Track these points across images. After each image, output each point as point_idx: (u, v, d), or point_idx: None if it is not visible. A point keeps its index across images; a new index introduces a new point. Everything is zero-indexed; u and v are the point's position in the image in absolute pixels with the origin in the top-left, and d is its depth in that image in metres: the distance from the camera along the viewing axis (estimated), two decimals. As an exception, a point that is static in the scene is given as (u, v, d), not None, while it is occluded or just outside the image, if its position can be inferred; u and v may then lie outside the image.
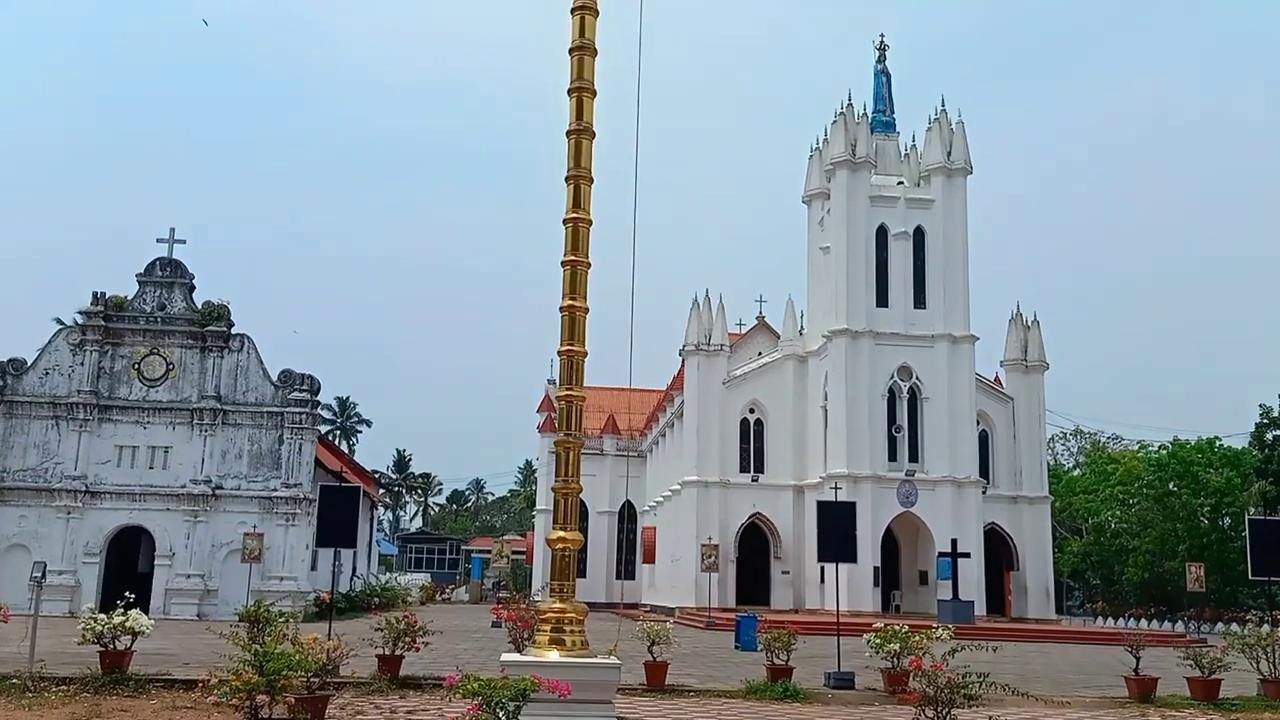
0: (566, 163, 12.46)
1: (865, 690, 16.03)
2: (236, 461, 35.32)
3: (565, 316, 12.48)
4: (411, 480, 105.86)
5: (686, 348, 46.64)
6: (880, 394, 42.14)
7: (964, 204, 44.11)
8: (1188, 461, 56.43)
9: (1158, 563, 54.71)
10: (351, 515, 18.97)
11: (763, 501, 45.19)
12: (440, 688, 13.22)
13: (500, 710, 8.87)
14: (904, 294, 43.31)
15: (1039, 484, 45.74)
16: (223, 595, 33.31)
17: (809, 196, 47.84)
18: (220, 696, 9.24)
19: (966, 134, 44.60)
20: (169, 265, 36.38)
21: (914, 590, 43.12)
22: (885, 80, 47.87)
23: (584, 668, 11.61)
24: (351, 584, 43.00)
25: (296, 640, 11.60)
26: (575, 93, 12.41)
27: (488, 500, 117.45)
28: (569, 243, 12.40)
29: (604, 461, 59.35)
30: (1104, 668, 21.45)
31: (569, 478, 12.45)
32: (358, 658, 14.77)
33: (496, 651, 15.80)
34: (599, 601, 47.70)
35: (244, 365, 36.00)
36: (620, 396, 57.95)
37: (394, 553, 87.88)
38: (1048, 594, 44.79)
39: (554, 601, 12.33)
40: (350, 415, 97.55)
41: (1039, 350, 46.45)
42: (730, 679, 17.20)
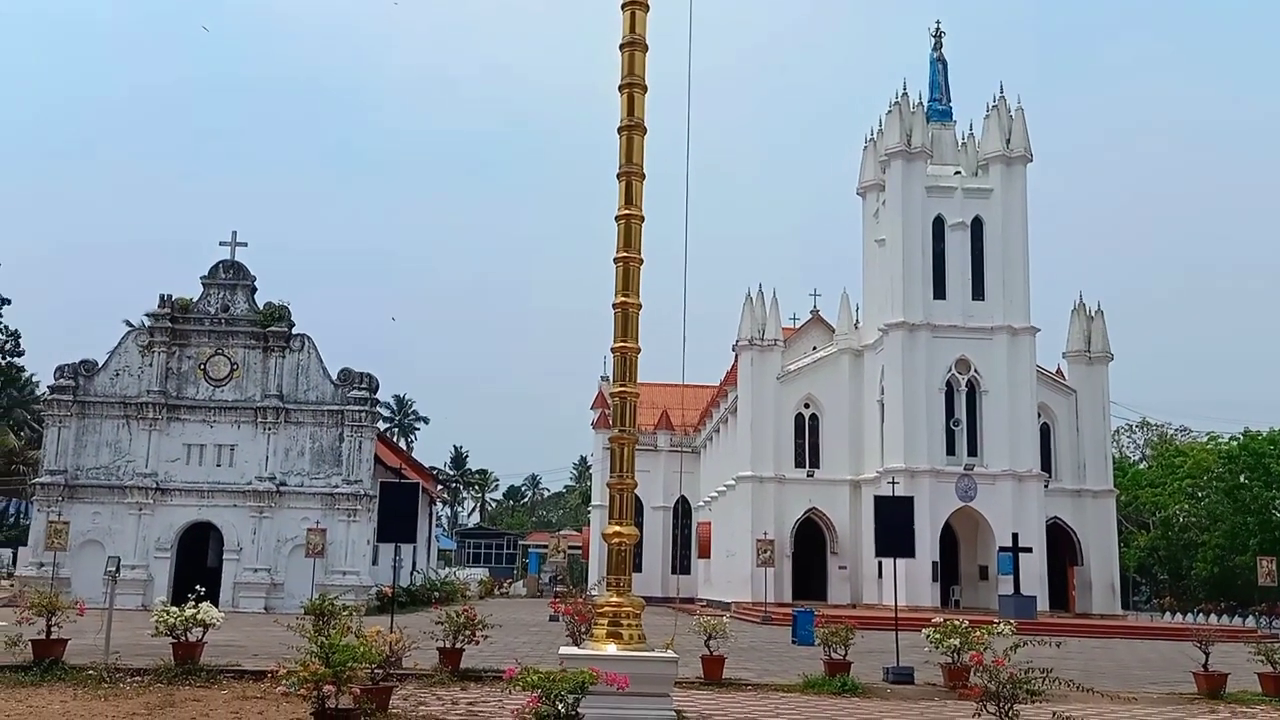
0: (618, 159, 12.51)
1: (925, 685, 15.90)
2: (299, 459, 35.99)
3: (618, 313, 12.54)
4: (469, 476, 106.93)
5: (740, 343, 46.50)
6: (938, 387, 41.63)
7: (1024, 193, 43.34)
8: (1259, 453, 54.85)
9: (1228, 557, 53.31)
10: (411, 511, 19.28)
11: (818, 497, 44.91)
12: (500, 680, 13.39)
13: (559, 702, 8.96)
14: (962, 285, 42.71)
15: (1103, 477, 44.85)
16: (288, 589, 34.01)
17: (864, 188, 47.39)
18: (288, 687, 9.45)
19: (1026, 120, 43.79)
20: (231, 268, 37.18)
21: (974, 585, 42.58)
22: (941, 68, 47.15)
23: (641, 661, 11.68)
24: (412, 578, 43.57)
25: (360, 633, 11.82)
26: (627, 88, 12.45)
27: (543, 496, 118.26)
28: (621, 239, 12.45)
29: (658, 457, 59.40)
30: (1172, 663, 21.04)
31: (624, 473, 12.52)
32: (419, 650, 14.99)
33: (554, 645, 15.96)
34: (654, 596, 47.76)
35: (304, 365, 36.66)
36: (674, 392, 57.91)
37: (452, 548, 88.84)
38: (1113, 589, 43.92)
39: (610, 595, 12.42)
40: (408, 413, 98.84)
41: (1103, 341, 45.52)
42: (788, 673, 17.17)
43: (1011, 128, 43.58)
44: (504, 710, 11.64)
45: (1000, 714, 9.46)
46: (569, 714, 8.99)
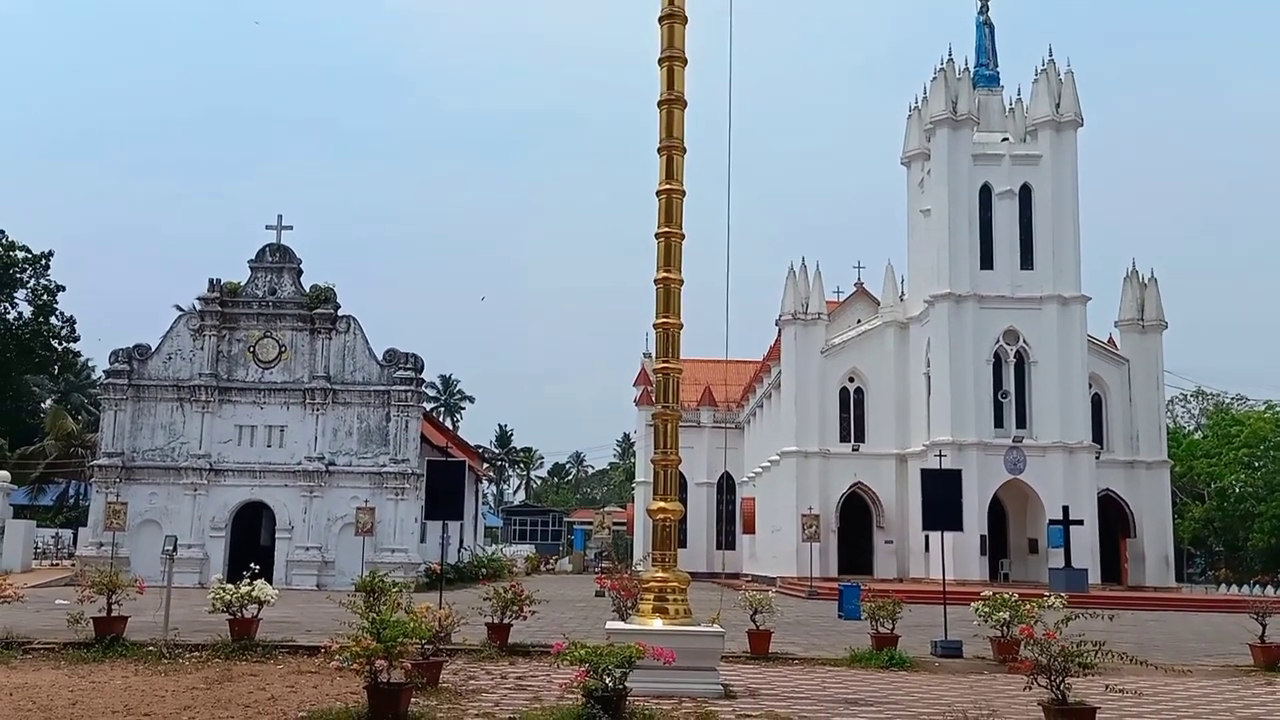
0: (659, 133, 12.45)
1: (974, 659, 15.79)
2: (347, 439, 36.47)
3: (660, 289, 12.54)
4: (514, 454, 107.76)
5: (783, 317, 46.21)
6: (985, 359, 41.08)
7: (1074, 158, 42.40)
8: (1318, 422, 53.60)
9: (1287, 528, 52.25)
10: (458, 489, 19.46)
11: (864, 471, 44.63)
12: (548, 654, 13.50)
13: (607, 676, 9.03)
14: (1009, 255, 42.01)
15: (1157, 448, 44.05)
16: (339, 566, 34.57)
17: (908, 158, 46.71)
18: (342, 662, 9.62)
19: (1076, 84, 42.77)
20: (278, 251, 37.62)
21: (1023, 559, 42.14)
22: (988, 32, 46.16)
23: (688, 635, 11.75)
24: (459, 555, 44.04)
25: (410, 609, 11.98)
26: (666, 62, 12.37)
27: (588, 473, 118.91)
28: (662, 215, 12.41)
29: (701, 433, 59.37)
30: (1228, 636, 20.70)
31: (668, 449, 12.56)
32: (468, 626, 15.19)
33: (601, 620, 16.06)
34: (699, 571, 47.95)
35: (351, 346, 37.07)
36: (717, 368, 57.78)
37: (499, 525, 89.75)
38: (1167, 561, 43.24)
39: (656, 571, 12.49)
40: (453, 392, 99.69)
41: (1156, 309, 44.59)
42: (834, 647, 17.14)
43: (1061, 92, 42.60)
44: (552, 684, 11.75)
45: (1051, 687, 9.35)
46: (616, 688, 9.05)
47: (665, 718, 9.60)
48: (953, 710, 10.74)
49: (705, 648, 11.91)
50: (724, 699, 11.38)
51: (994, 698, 11.91)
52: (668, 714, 9.86)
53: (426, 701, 10.50)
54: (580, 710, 8.94)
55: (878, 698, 12.01)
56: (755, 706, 11.02)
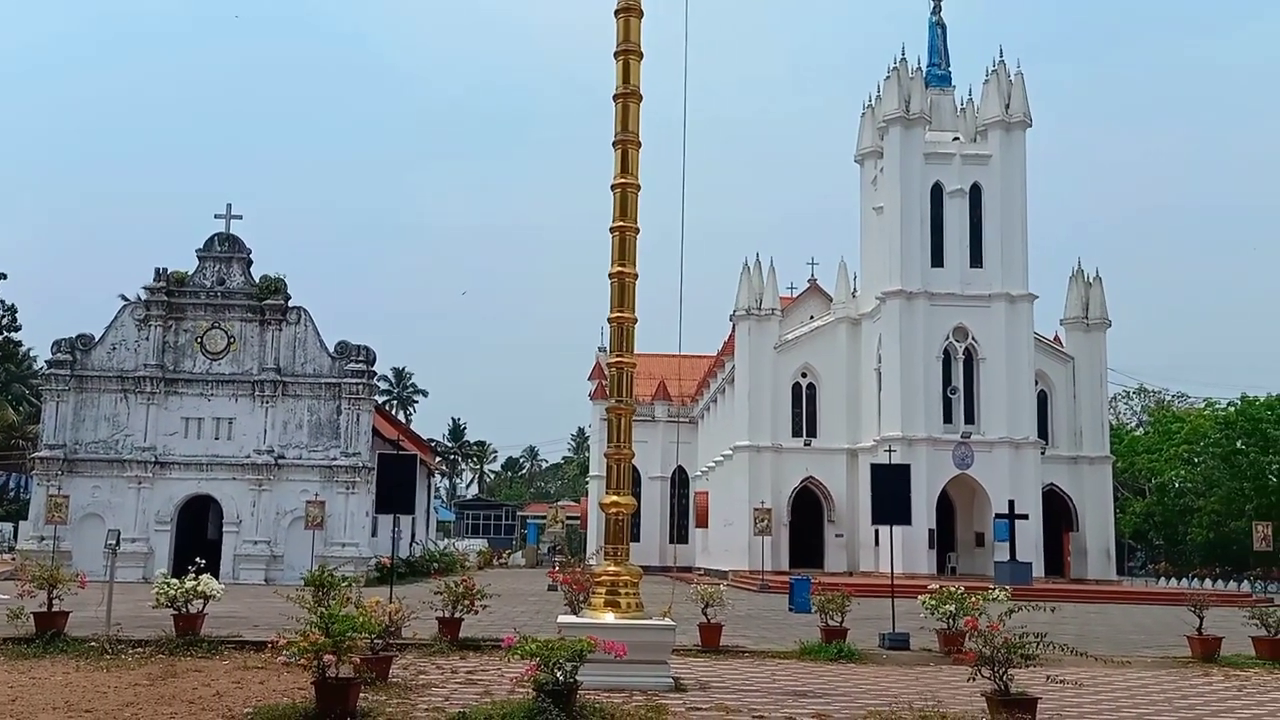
0: (614, 127, 12.45)
1: (920, 651, 16.03)
2: (297, 432, 36.04)
3: (614, 283, 12.55)
4: (467, 448, 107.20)
5: (737, 312, 46.47)
6: (935, 355, 41.65)
7: (1023, 159, 43.11)
8: (1256, 419, 55.06)
9: (1223, 522, 53.66)
10: (409, 482, 19.35)
11: (815, 465, 45.06)
12: (498, 649, 13.45)
13: (558, 670, 9.04)
14: (960, 253, 42.61)
15: (1100, 444, 45.00)
16: (288, 561, 34.17)
17: (861, 155, 47.16)
18: (289, 657, 9.52)
19: (1026, 86, 43.47)
20: (227, 240, 37.03)
21: (970, 552, 42.84)
22: (940, 32, 46.71)
23: (639, 629, 11.80)
24: (411, 550, 43.78)
25: (360, 604, 11.89)
26: (622, 55, 12.38)
27: (541, 467, 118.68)
28: (617, 209, 12.42)
29: (655, 427, 59.52)
30: (1166, 628, 21.21)
31: (621, 443, 12.59)
32: (419, 620, 15.11)
33: (553, 614, 16.06)
34: (652, 565, 48.03)
35: (301, 337, 36.62)
36: (671, 363, 57.95)
37: (451, 519, 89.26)
38: (1109, 555, 44.21)
39: (608, 565, 12.52)
40: (406, 385, 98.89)
41: (1101, 308, 45.50)
42: (784, 640, 17.31)
43: (1011, 93, 43.27)
44: (503, 679, 11.73)
45: (994, 678, 9.53)
46: (567, 682, 9.07)
47: (616, 711, 9.63)
48: (899, 701, 10.90)
49: (656, 641, 11.97)
50: (675, 692, 11.44)
51: (939, 689, 12.10)
52: (619, 707, 9.89)
53: (376, 697, 10.44)
54: (531, 704, 8.94)
55: (826, 690, 12.16)
56: (706, 699, 11.10)
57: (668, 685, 11.63)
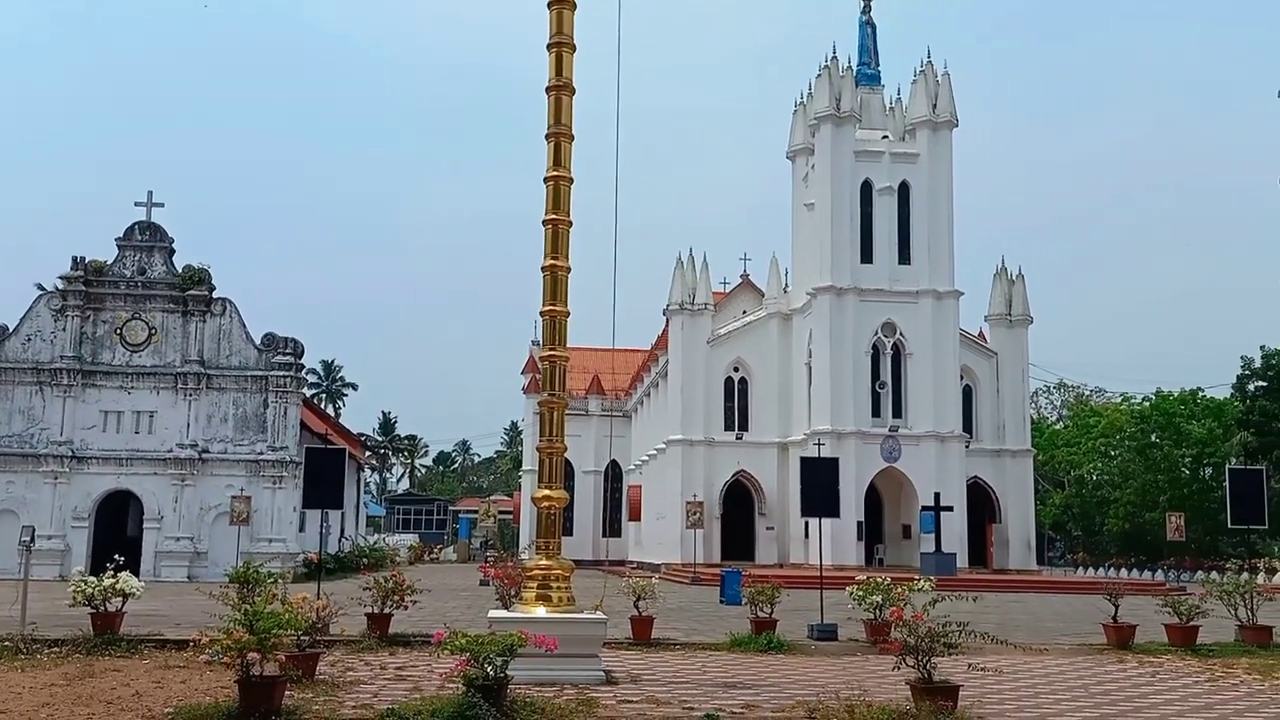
0: (547, 119, 12.41)
1: (848, 641, 16.30)
2: (222, 425, 35.29)
3: (547, 276, 12.51)
4: (398, 442, 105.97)
5: (670, 307, 46.66)
6: (864, 350, 42.31)
7: (949, 158, 43.98)
8: (1170, 413, 57.02)
9: (1138, 513, 55.45)
10: (338, 477, 19.09)
11: (747, 459, 45.49)
12: (429, 644, 13.37)
13: (488, 665, 9.01)
14: (888, 250, 43.32)
15: (1022, 437, 46.16)
16: (212, 557, 33.45)
17: (793, 152, 47.63)
18: (212, 655, 9.33)
19: (952, 86, 44.34)
20: (148, 229, 36.06)
21: (897, 544, 43.63)
22: (870, 31, 47.38)
23: (570, 623, 11.82)
24: (340, 545, 43.18)
25: (286, 600, 11.71)
26: (555, 48, 12.33)
27: (474, 461, 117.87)
28: (550, 201, 12.38)
29: (589, 421, 59.50)
30: (1083, 616, 21.83)
31: (553, 437, 12.57)
32: (347, 616, 14.91)
33: (484, 609, 15.97)
34: (585, 559, 48.12)
35: (226, 329, 35.85)
36: (605, 357, 57.97)
37: (382, 514, 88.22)
38: (1029, 545, 45.40)
39: (540, 559, 12.50)
40: (335, 379, 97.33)
41: (1023, 304, 46.64)
42: (715, 632, 17.46)
43: (938, 93, 44.10)
44: (433, 674, 11.64)
45: (919, 667, 9.74)
46: (498, 676, 9.05)
47: (547, 705, 9.63)
48: (826, 691, 11.08)
49: (588, 635, 11.99)
50: (606, 685, 11.47)
51: (865, 678, 12.33)
52: (550, 701, 9.89)
53: (302, 694, 10.29)
54: (461, 699, 8.90)
55: (755, 681, 12.30)
56: (636, 692, 11.16)
57: (599, 678, 11.66)
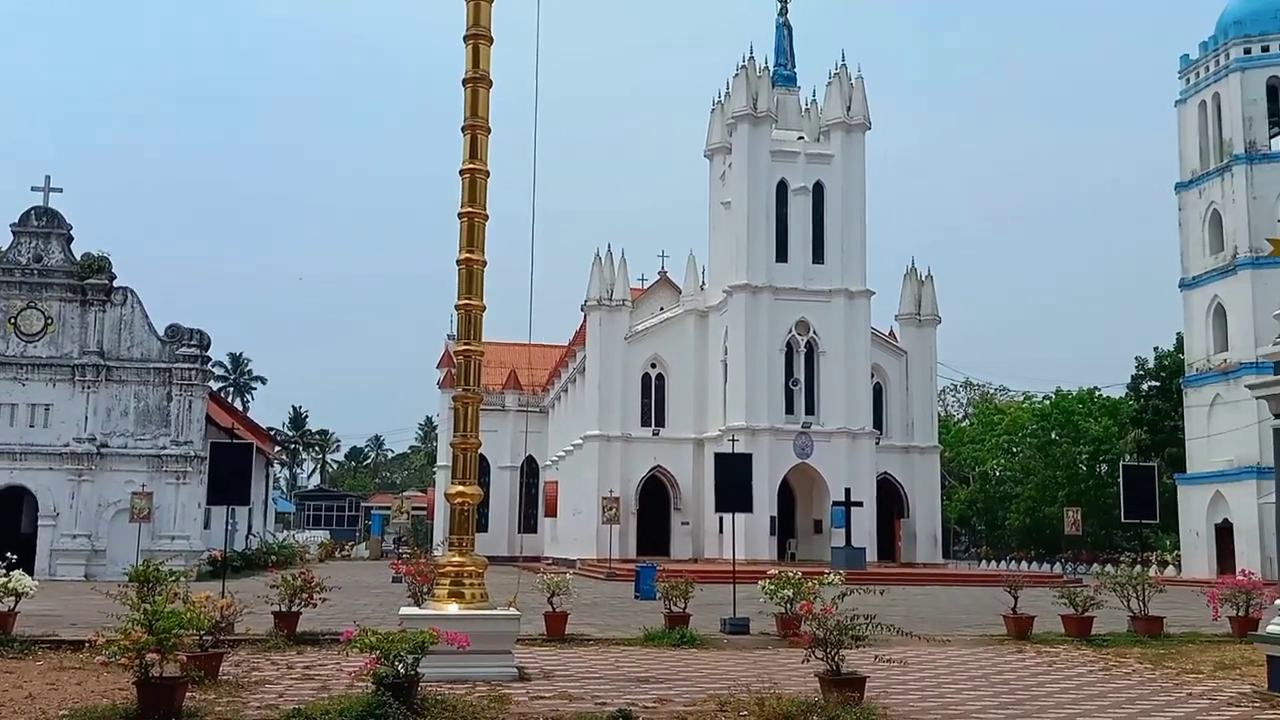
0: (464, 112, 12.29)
1: (759, 635, 16.51)
2: (123, 419, 34.13)
3: (463, 270, 12.40)
4: (309, 437, 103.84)
5: (588, 303, 46.63)
6: (779, 348, 42.89)
7: (862, 160, 44.82)
8: (1069, 411, 59.11)
9: (1039, 508, 57.34)
10: (244, 472, 18.64)
11: (663, 455, 45.74)
12: (338, 642, 13.17)
13: (398, 663, 8.91)
14: (803, 249, 43.98)
15: (930, 435, 47.32)
16: (111, 556, 32.33)
17: (711, 151, 47.98)
18: (109, 656, 9.03)
19: (866, 89, 45.18)
20: (45, 215, 34.63)
21: (809, 538, 44.35)
22: (787, 33, 48.02)
23: (483, 619, 11.74)
24: (247, 542, 42.20)
25: (188, 599, 11.40)
26: (471, 39, 12.22)
27: (387, 457, 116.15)
28: (465, 194, 12.27)
29: (506, 417, 59.15)
30: (986, 608, 22.47)
31: (468, 433, 12.47)
32: (253, 615, 14.59)
33: (396, 606, 15.77)
34: (501, 555, 47.68)
35: (128, 320, 34.67)
36: (522, 352, 57.67)
37: (291, 510, 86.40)
38: (935, 540, 46.59)
39: (453, 555, 12.38)
40: (243, 372, 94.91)
41: (932, 305, 47.79)
42: (629, 627, 17.52)
43: (852, 96, 44.90)
44: (342, 673, 11.44)
45: (827, 659, 9.92)
46: (408, 674, 8.95)
47: (459, 703, 9.55)
48: (737, 684, 11.20)
49: (501, 631, 11.93)
50: (519, 681, 11.43)
51: (776, 671, 12.51)
52: (461, 699, 9.81)
53: (204, 695, 10.02)
54: (370, 698, 8.77)
55: (668, 675, 12.38)
56: (549, 688, 11.14)
57: (512, 675, 11.61)
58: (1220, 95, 42.49)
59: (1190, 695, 11.18)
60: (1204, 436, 41.67)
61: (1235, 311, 40.46)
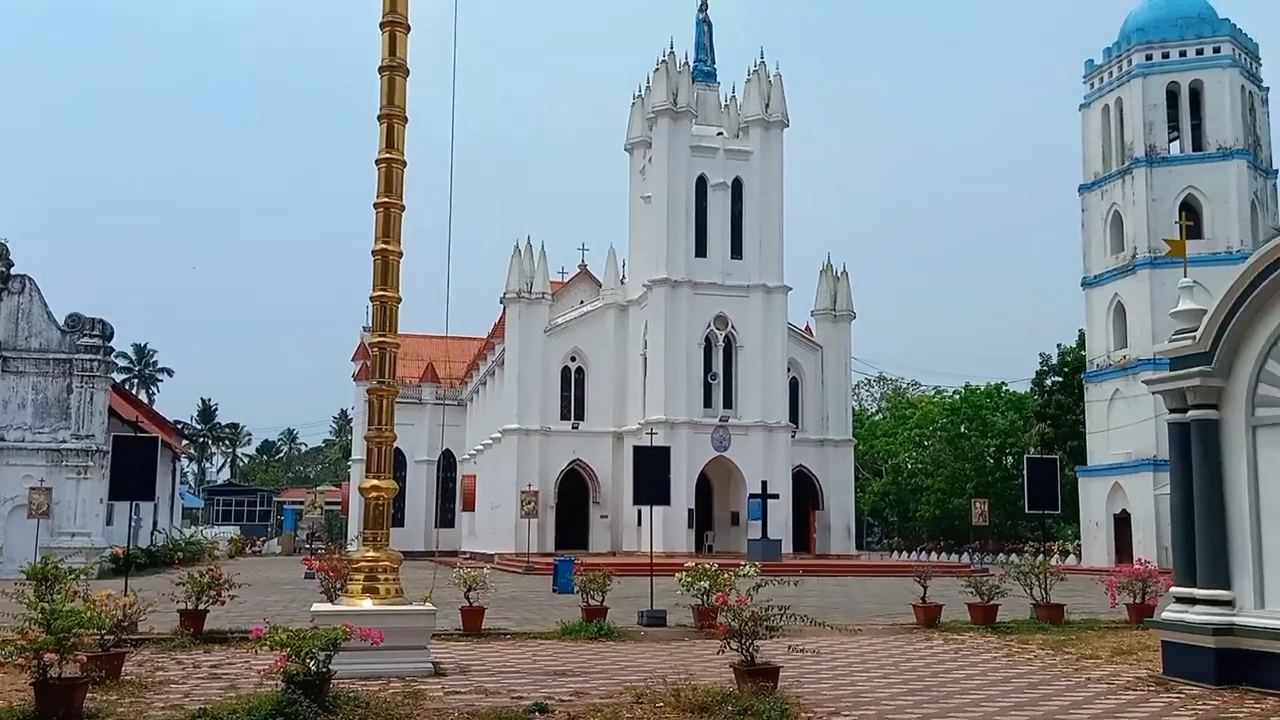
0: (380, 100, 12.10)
1: (676, 627, 16.64)
2: (20, 411, 32.84)
3: (378, 260, 12.22)
4: (218, 431, 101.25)
5: (508, 295, 46.33)
6: (697, 342, 43.20)
7: (780, 156, 45.34)
8: (977, 406, 60.79)
9: (948, 500, 58.87)
10: (149, 467, 18.06)
11: (583, 448, 45.72)
12: (247, 640, 12.88)
13: (310, 660, 8.75)
14: (722, 244, 44.36)
15: (844, 428, 48.20)
16: (8, 554, 31.06)
17: (631, 145, 48.05)
18: (4, 657, 8.70)
19: (784, 87, 45.70)
20: (-65, 197, 33.14)
21: (726, 531, 44.81)
22: (707, 29, 48.32)
23: (398, 615, 11.61)
24: (152, 539, 41.01)
25: (89, 597, 11.02)
26: (388, 27, 12.03)
27: (301, 451, 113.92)
28: (381, 184, 12.09)
29: (423, 410, 58.46)
30: (897, 598, 22.99)
31: (383, 426, 12.30)
32: (158, 614, 14.17)
33: (309, 603, 15.48)
34: (417, 550, 47.23)
35: (26, 309, 33.34)
36: (440, 344, 57.05)
37: (200, 506, 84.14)
38: (849, 531, 47.50)
39: (367, 550, 12.21)
40: (149, 363, 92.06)
41: (847, 300, 48.64)
42: (546, 621, 17.50)
43: (770, 93, 45.39)
44: (251, 671, 11.21)
45: (742, 650, 10.04)
46: (320, 671, 8.80)
47: (372, 699, 9.41)
48: (654, 676, 11.27)
49: (416, 626, 11.81)
50: (434, 677, 11.32)
51: (692, 662, 12.62)
52: (374, 695, 9.68)
53: (106, 696, 9.71)
54: (280, 696, 8.60)
55: (585, 668, 12.40)
56: (465, 682, 11.06)
57: (427, 670, 11.51)
58: (1123, 100, 44.05)
59: (1089, 680, 11.60)
60: (1104, 430, 43.26)
61: (1134, 310, 42.05)
